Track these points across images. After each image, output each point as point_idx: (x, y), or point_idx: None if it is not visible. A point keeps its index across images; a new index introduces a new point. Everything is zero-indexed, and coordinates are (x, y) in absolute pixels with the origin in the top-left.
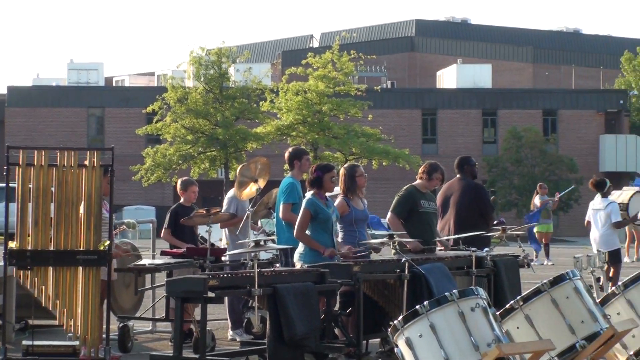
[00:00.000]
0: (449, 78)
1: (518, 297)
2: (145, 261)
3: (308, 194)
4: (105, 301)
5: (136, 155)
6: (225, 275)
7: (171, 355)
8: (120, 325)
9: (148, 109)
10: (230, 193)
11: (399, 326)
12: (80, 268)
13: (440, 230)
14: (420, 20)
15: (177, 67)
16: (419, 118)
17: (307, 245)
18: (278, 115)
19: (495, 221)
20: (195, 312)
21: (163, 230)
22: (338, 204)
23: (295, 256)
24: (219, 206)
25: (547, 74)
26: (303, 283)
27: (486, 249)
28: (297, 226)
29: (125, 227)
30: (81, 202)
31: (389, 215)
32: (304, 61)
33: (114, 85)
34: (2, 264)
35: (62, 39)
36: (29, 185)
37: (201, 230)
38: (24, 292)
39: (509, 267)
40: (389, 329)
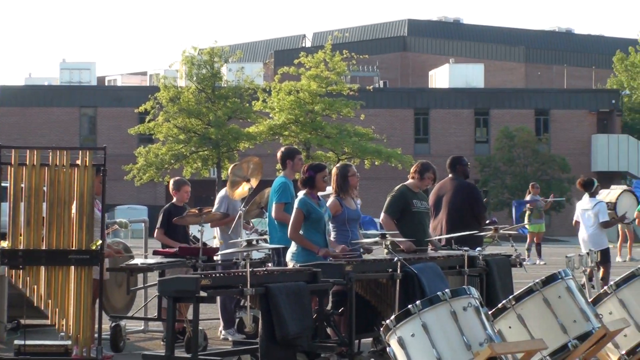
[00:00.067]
0: (441, 78)
1: (510, 297)
2: (138, 261)
3: (300, 194)
4: (97, 301)
5: (128, 154)
6: (217, 275)
7: (163, 354)
8: (112, 324)
9: (140, 108)
10: (221, 192)
11: (391, 326)
12: (72, 268)
13: (432, 230)
14: (412, 20)
15: (170, 67)
16: (411, 118)
17: (302, 245)
18: (270, 115)
19: (488, 221)
20: (188, 312)
21: (156, 230)
22: (330, 203)
23: (288, 256)
24: (211, 206)
25: (540, 73)
26: (295, 282)
27: (478, 249)
28: (291, 226)
29: (117, 227)
30: (73, 202)
31: (382, 215)
32: (296, 61)
33: (106, 84)
34: None
35: (55, 38)
36: (21, 185)
37: (193, 229)
38: (16, 292)
39: (501, 267)
40: (381, 329)
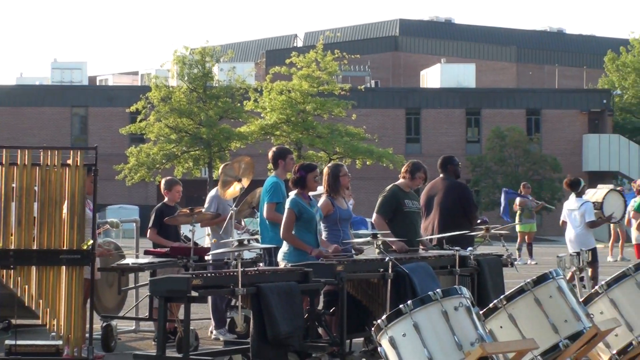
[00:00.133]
0: (432, 77)
1: (501, 296)
2: (129, 260)
3: (291, 194)
4: (88, 300)
5: (120, 154)
6: (208, 275)
7: (154, 354)
8: (103, 324)
9: (132, 108)
10: (212, 192)
11: (383, 325)
12: (63, 267)
13: (424, 230)
14: (404, 19)
15: (161, 67)
16: (403, 117)
17: (295, 245)
18: (262, 115)
19: (479, 220)
20: (179, 312)
21: (148, 230)
22: (322, 203)
23: (279, 255)
24: (202, 206)
25: (531, 73)
26: (287, 282)
27: (470, 248)
28: (283, 227)
29: (108, 227)
30: (64, 202)
31: (375, 216)
32: (287, 60)
33: (97, 84)
34: None
35: (46, 38)
36: (12, 185)
37: (184, 229)
38: (6, 292)
39: (492, 267)
40: (373, 328)
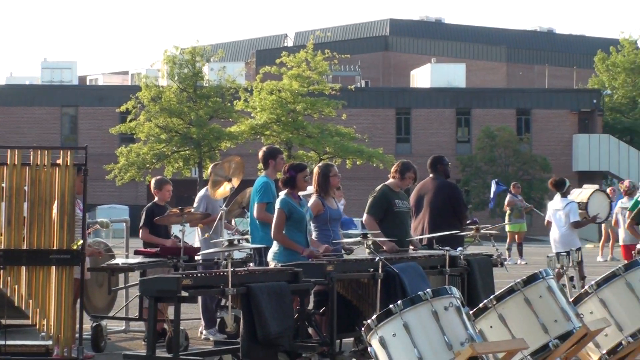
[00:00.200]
0: (423, 77)
1: (491, 296)
2: (119, 260)
3: (281, 194)
4: (78, 300)
5: (110, 154)
6: (198, 275)
7: (144, 354)
8: (93, 324)
9: (122, 108)
10: (201, 192)
11: (373, 325)
12: (53, 267)
13: (414, 229)
14: (394, 19)
15: (151, 66)
16: (393, 117)
17: (286, 245)
18: (252, 115)
19: (469, 220)
20: (169, 312)
21: (140, 230)
22: (312, 203)
23: (270, 255)
24: (192, 206)
25: (521, 73)
26: (277, 282)
27: (460, 248)
28: (274, 227)
29: (98, 226)
30: (54, 201)
31: (365, 216)
32: (278, 60)
33: (87, 84)
34: None
35: (36, 37)
36: (2, 185)
37: (175, 229)
38: None
39: (482, 267)
40: (363, 328)
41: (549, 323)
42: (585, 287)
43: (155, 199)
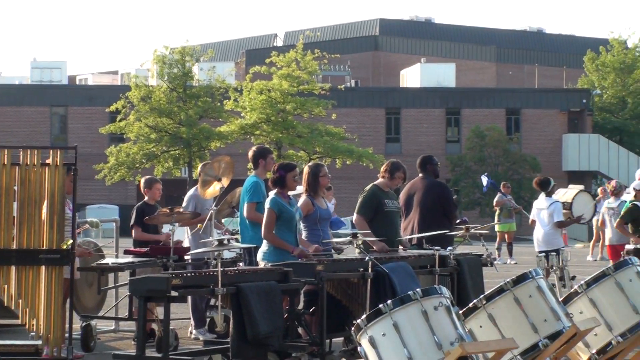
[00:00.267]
0: (412, 77)
1: (481, 296)
2: (108, 260)
3: (271, 194)
4: (68, 300)
5: (99, 154)
6: (188, 274)
7: (134, 354)
8: (83, 324)
9: (111, 107)
10: (190, 192)
11: (362, 325)
12: (42, 267)
13: (403, 229)
14: (384, 19)
15: (141, 66)
16: (383, 117)
17: (276, 245)
18: (242, 114)
19: (458, 220)
20: (158, 311)
21: (133, 229)
22: (302, 203)
23: (259, 255)
24: (182, 205)
25: (511, 73)
26: (266, 282)
27: (449, 248)
28: (265, 227)
29: (88, 226)
30: (44, 201)
31: (355, 216)
32: (267, 60)
33: (77, 83)
34: None
35: (25, 37)
36: None
37: (165, 229)
38: None
39: (472, 266)
40: (353, 328)
41: (538, 322)
42: (575, 287)
43: (145, 198)
